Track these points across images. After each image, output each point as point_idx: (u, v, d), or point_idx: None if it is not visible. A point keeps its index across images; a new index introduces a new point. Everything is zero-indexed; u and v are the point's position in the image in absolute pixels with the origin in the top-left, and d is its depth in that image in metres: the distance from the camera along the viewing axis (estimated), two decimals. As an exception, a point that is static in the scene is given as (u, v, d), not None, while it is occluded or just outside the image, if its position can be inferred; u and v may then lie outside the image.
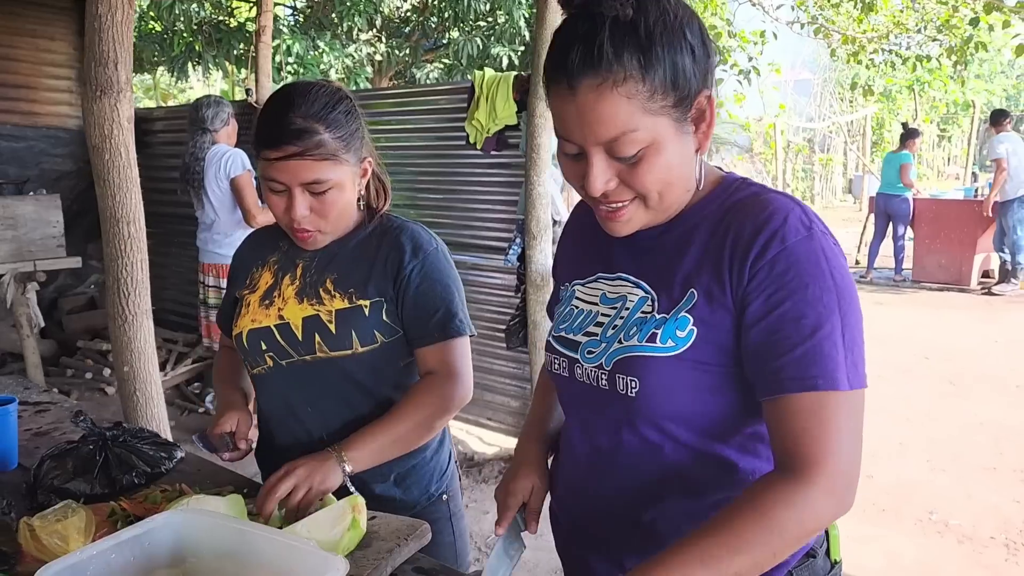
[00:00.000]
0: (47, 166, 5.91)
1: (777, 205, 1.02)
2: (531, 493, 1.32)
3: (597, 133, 0.97)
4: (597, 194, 1.03)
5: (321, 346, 1.50)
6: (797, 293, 0.97)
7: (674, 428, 1.08)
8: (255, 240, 1.73)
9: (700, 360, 1.03)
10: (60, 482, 1.47)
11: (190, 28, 9.46)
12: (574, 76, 0.95)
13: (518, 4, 8.69)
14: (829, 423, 0.95)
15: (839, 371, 0.95)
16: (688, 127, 1.01)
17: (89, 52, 2.32)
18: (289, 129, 1.39)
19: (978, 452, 4.35)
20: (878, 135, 17.56)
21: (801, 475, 0.95)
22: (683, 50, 0.97)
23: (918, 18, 9.53)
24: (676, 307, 1.05)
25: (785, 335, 0.97)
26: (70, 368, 5.44)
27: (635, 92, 0.95)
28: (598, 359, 1.11)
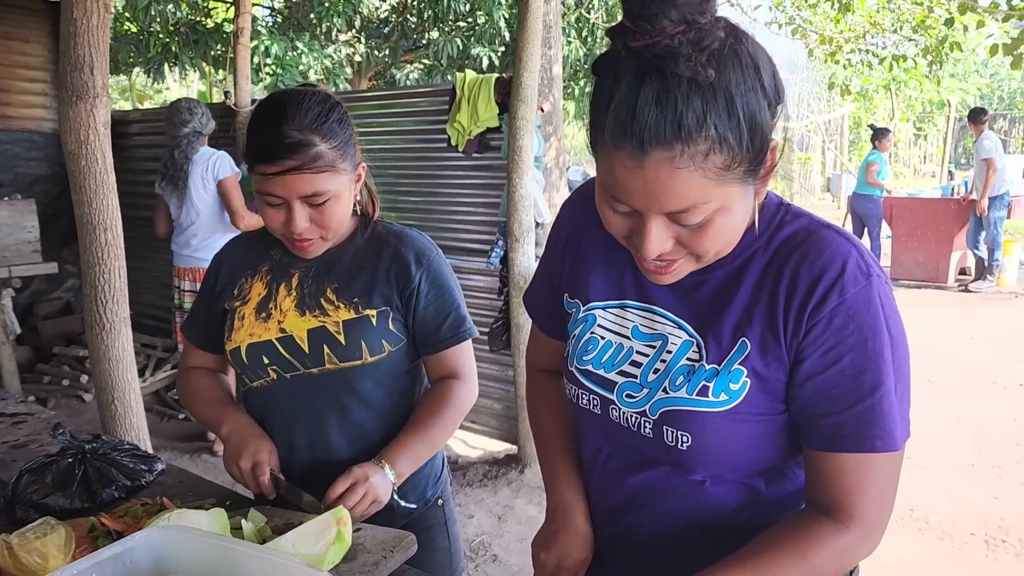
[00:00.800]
0: (21, 170, 5.83)
1: (834, 249, 0.96)
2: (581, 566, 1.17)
3: (664, 205, 0.88)
4: (651, 258, 0.94)
5: (331, 357, 1.48)
6: (856, 349, 0.94)
7: (721, 471, 1.06)
8: (239, 247, 1.65)
9: (753, 412, 1.00)
10: (39, 497, 1.45)
11: (166, 29, 9.36)
12: (644, 146, 0.84)
13: (498, 5, 8.68)
14: (876, 480, 0.97)
15: (896, 430, 0.95)
16: (755, 181, 0.93)
17: (64, 57, 2.29)
18: (285, 143, 1.35)
19: (957, 449, 4.39)
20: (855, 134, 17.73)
21: (845, 524, 0.98)
22: (761, 105, 0.86)
23: (894, 18, 9.62)
24: (727, 358, 1.00)
25: (844, 391, 0.95)
26: (47, 375, 5.36)
27: (708, 162, 0.84)
28: (640, 405, 1.05)
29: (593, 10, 9.27)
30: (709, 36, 0.83)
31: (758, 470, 1.07)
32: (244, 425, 1.52)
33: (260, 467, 1.43)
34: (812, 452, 1.00)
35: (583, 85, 9.89)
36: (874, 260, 0.98)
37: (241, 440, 1.47)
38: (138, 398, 2.49)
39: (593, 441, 1.18)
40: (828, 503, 0.99)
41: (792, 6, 9.95)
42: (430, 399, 1.56)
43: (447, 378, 1.58)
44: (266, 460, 1.44)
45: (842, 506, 0.98)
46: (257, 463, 1.44)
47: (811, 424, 0.99)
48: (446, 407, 1.54)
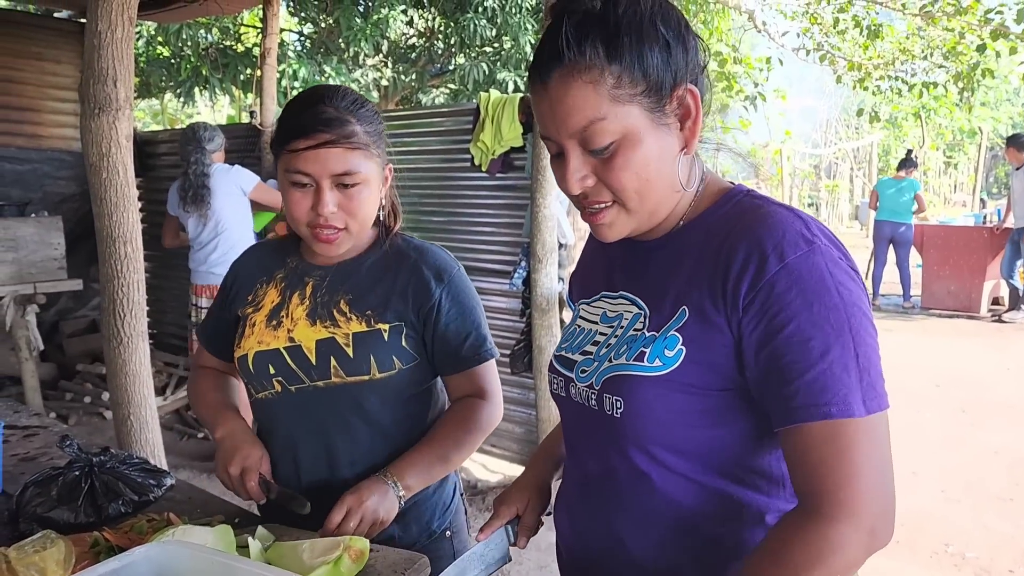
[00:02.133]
0: (50, 188, 5.89)
1: (776, 218, 0.95)
2: (526, 506, 1.29)
3: (567, 124, 0.96)
4: (574, 191, 1.00)
5: (337, 370, 1.42)
6: (801, 314, 0.90)
7: (662, 454, 1.01)
8: (257, 254, 1.61)
9: (689, 383, 0.97)
10: (43, 510, 1.41)
11: (197, 53, 9.51)
12: (544, 71, 0.96)
13: (524, 30, 8.73)
14: (847, 452, 0.88)
15: (853, 396, 0.88)
16: (668, 121, 0.97)
17: (88, 69, 2.29)
18: (320, 117, 1.33)
19: (993, 482, 4.25)
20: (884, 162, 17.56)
21: (822, 512, 0.88)
22: (653, 40, 0.95)
23: (924, 45, 9.54)
24: (666, 325, 1.00)
25: (792, 360, 0.90)
26: (69, 392, 5.37)
27: (600, 79, 0.93)
28: (590, 378, 1.07)
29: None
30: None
31: (704, 461, 1.01)
32: (238, 431, 1.49)
33: (248, 473, 1.40)
34: (780, 435, 0.94)
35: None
36: (823, 231, 0.95)
37: (232, 445, 1.45)
38: (154, 414, 2.46)
39: (565, 430, 1.21)
40: (804, 493, 0.91)
41: (820, 32, 9.89)
42: (450, 415, 1.51)
43: (470, 396, 1.51)
44: (255, 466, 1.41)
45: (815, 490, 0.89)
46: (246, 468, 1.41)
47: (769, 402, 0.93)
48: (466, 424, 1.48)
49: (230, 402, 1.59)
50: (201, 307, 4.26)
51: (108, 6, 2.25)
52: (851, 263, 0.96)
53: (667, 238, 1.06)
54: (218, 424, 1.51)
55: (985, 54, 8.51)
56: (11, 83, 5.70)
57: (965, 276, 9.07)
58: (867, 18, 9.16)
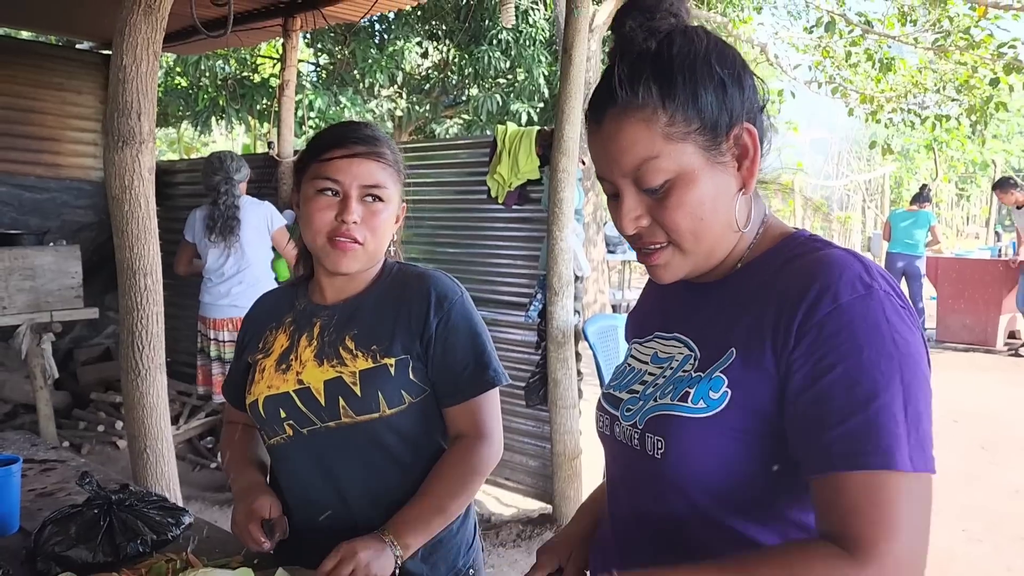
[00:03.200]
0: (69, 217, 5.93)
1: (834, 259, 0.92)
2: (568, 558, 1.25)
3: (620, 163, 0.96)
4: (628, 231, 0.99)
5: (346, 410, 1.40)
6: (850, 357, 0.85)
7: (700, 498, 0.98)
8: (267, 302, 1.62)
9: (733, 426, 0.94)
10: (61, 549, 1.39)
11: (215, 83, 9.63)
12: (598, 111, 0.97)
13: (538, 62, 8.80)
14: (886, 504, 0.81)
15: (898, 448, 0.82)
16: (724, 160, 0.96)
17: (112, 103, 2.31)
18: (357, 133, 1.42)
19: (1016, 521, 4.17)
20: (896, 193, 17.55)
21: (849, 551, 0.82)
22: (708, 79, 0.94)
23: (936, 78, 9.55)
24: (712, 366, 0.97)
25: (836, 405, 0.85)
26: (82, 420, 5.37)
27: (653, 117, 0.93)
28: (633, 417, 1.05)
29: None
30: (658, 21, 0.96)
31: (746, 511, 0.97)
32: (251, 484, 1.48)
33: (252, 515, 1.38)
34: (812, 481, 0.88)
35: (621, 141, 9.92)
36: (884, 278, 0.90)
37: (241, 497, 1.44)
38: (170, 447, 2.45)
39: (608, 469, 1.18)
40: (831, 532, 0.85)
41: (832, 65, 9.93)
42: (444, 463, 1.45)
43: (466, 436, 1.46)
44: (260, 511, 1.38)
45: (845, 535, 0.83)
46: (251, 511, 1.38)
47: (805, 448, 0.88)
48: (462, 472, 1.43)
49: (250, 455, 1.58)
50: (223, 340, 4.24)
51: (133, 41, 2.27)
52: (912, 314, 0.91)
53: (724, 280, 1.04)
54: (234, 479, 1.52)
55: (998, 88, 8.51)
56: (32, 113, 5.77)
57: (980, 309, 9.00)
58: (879, 51, 9.20)
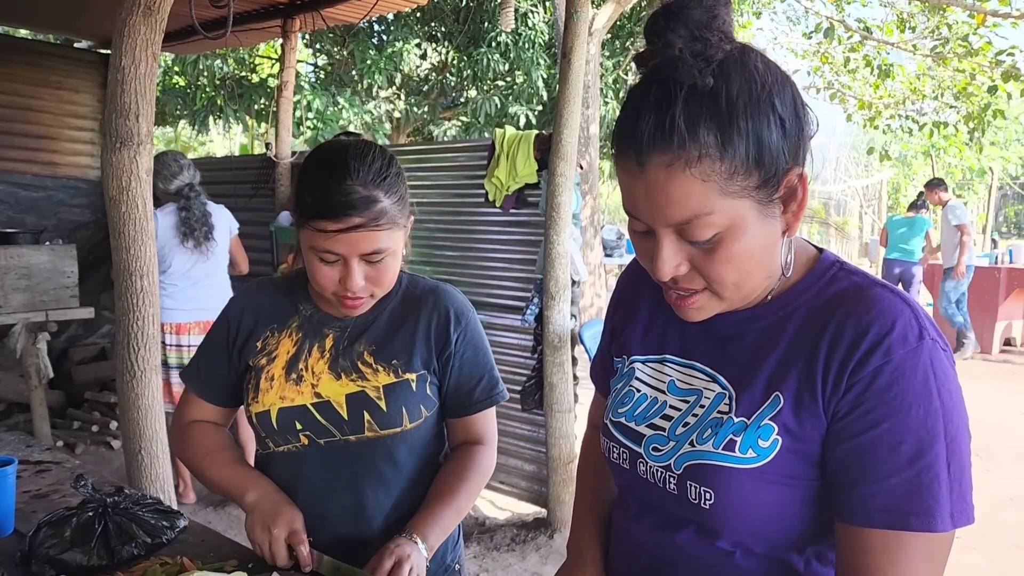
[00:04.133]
0: (65, 216, 5.92)
1: (884, 305, 0.89)
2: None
3: (667, 215, 0.87)
4: (665, 279, 0.92)
5: (371, 424, 1.40)
6: (898, 415, 0.85)
7: (749, 540, 0.97)
8: (261, 296, 1.53)
9: (785, 474, 0.92)
10: (56, 552, 1.38)
11: (213, 83, 9.62)
12: (643, 151, 0.85)
13: (536, 65, 8.81)
14: (907, 567, 0.85)
15: (938, 509, 0.84)
16: (774, 208, 0.90)
17: (111, 104, 2.30)
18: (350, 199, 1.28)
19: (1010, 530, 4.17)
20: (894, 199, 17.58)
21: None
22: (770, 123, 0.85)
23: (935, 85, 9.58)
24: (758, 412, 0.93)
25: (879, 460, 0.86)
26: (76, 420, 5.36)
27: (711, 173, 0.84)
28: (666, 459, 1.00)
29: (631, 72, 9.36)
30: (713, 48, 0.85)
31: (793, 545, 0.97)
32: (273, 492, 1.43)
33: (297, 536, 1.34)
34: (841, 526, 0.90)
35: (619, 145, 9.93)
36: (931, 324, 0.89)
37: (273, 508, 1.39)
38: (165, 449, 2.44)
39: (625, 499, 1.15)
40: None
41: (831, 71, 9.96)
42: (456, 466, 1.48)
43: (471, 443, 1.51)
44: (302, 529, 1.36)
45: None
46: (293, 531, 1.35)
47: (841, 492, 0.89)
48: (472, 474, 1.47)
49: (245, 460, 1.53)
50: (185, 345, 4.10)
51: (132, 42, 2.26)
52: (951, 355, 0.91)
53: (755, 312, 0.99)
54: (246, 487, 1.44)
55: (996, 95, 8.54)
56: (30, 111, 5.76)
57: (976, 317, 9.01)
58: (878, 58, 9.22)
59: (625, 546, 1.16)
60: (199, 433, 1.54)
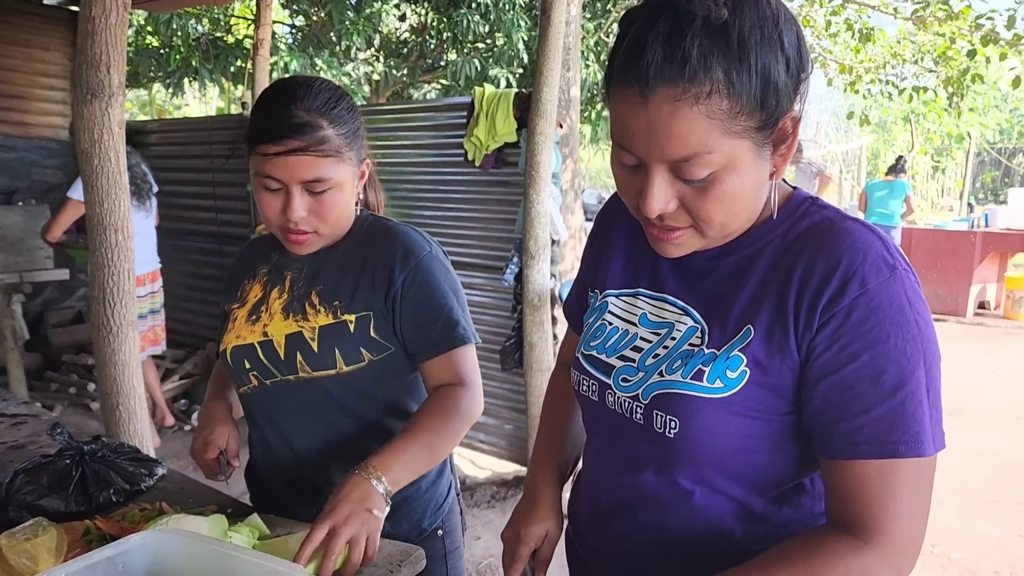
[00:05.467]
0: (38, 177, 5.83)
1: (856, 237, 0.89)
2: (544, 540, 1.21)
3: (666, 151, 0.84)
4: (653, 215, 0.90)
5: (303, 365, 1.40)
6: (877, 345, 0.85)
7: (711, 474, 0.98)
8: (249, 250, 1.61)
9: (751, 406, 0.92)
10: (33, 498, 1.39)
11: (187, 44, 9.43)
12: (649, 83, 0.81)
13: (517, 27, 8.70)
14: (901, 491, 0.86)
15: (924, 434, 0.85)
16: (767, 150, 0.88)
17: (81, 55, 2.26)
18: (291, 122, 1.28)
19: (980, 485, 4.27)
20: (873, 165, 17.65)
21: (863, 540, 0.87)
22: (778, 62, 0.83)
23: (915, 49, 9.58)
24: (729, 344, 0.94)
25: (862, 392, 0.86)
26: (54, 382, 5.32)
27: (717, 110, 0.81)
28: (634, 389, 1.00)
29: (612, 34, 9.28)
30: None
31: (754, 483, 0.98)
32: (212, 410, 1.55)
33: (208, 447, 1.45)
34: (828, 462, 0.91)
35: (600, 109, 9.88)
36: (901, 255, 0.90)
37: (202, 423, 1.51)
38: (143, 404, 2.43)
39: (592, 436, 1.15)
40: (846, 518, 0.89)
41: (812, 35, 9.92)
42: (429, 403, 1.41)
43: (448, 384, 1.43)
44: (216, 441, 1.46)
45: (861, 520, 0.87)
46: (207, 443, 1.45)
47: (826, 430, 0.89)
48: (448, 412, 1.38)
49: (224, 388, 1.62)
50: (142, 295, 4.42)
51: (102, -9, 2.21)
52: (919, 283, 0.91)
53: (728, 247, 0.98)
54: (203, 407, 1.58)
55: (975, 59, 8.55)
56: (-1, 70, 5.64)
57: (952, 280, 9.14)
58: (859, 22, 9.19)
59: (586, 489, 1.17)
60: (218, 367, 1.66)
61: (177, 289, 5.91)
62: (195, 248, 5.79)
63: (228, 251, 5.52)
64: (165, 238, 5.73)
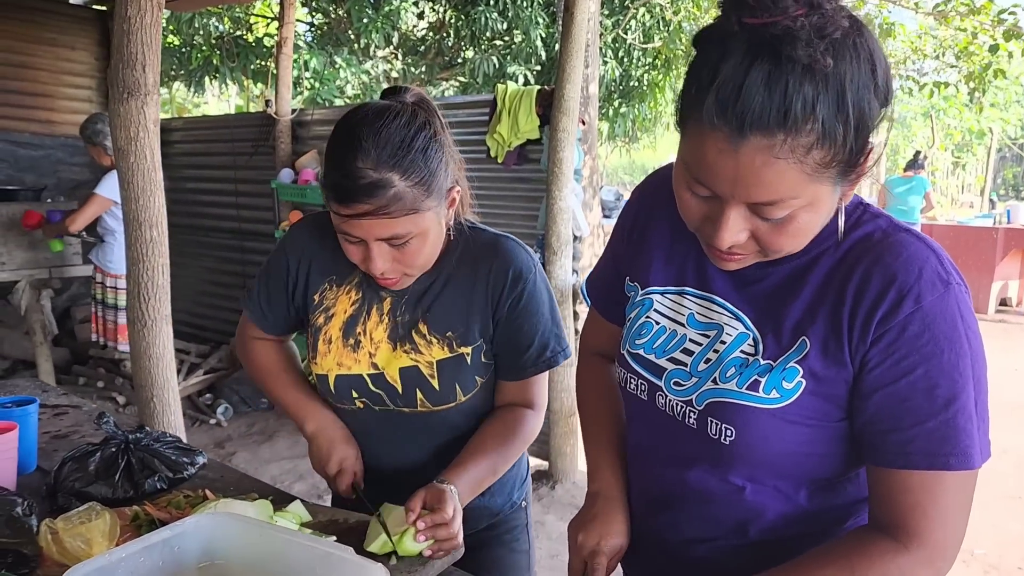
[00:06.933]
0: (64, 175, 5.92)
1: (911, 252, 0.90)
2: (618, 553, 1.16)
3: (751, 194, 0.83)
4: (724, 248, 0.89)
5: (423, 402, 1.39)
6: (932, 360, 0.87)
7: (764, 475, 1.00)
8: (315, 238, 1.45)
9: (805, 415, 0.94)
10: (81, 485, 1.43)
11: (209, 42, 9.52)
12: (744, 130, 0.79)
13: (535, 24, 8.72)
14: (945, 501, 0.89)
15: (973, 448, 0.88)
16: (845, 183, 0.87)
17: (117, 54, 2.31)
18: (359, 184, 1.17)
19: (1002, 481, 4.26)
20: (892, 161, 17.53)
21: (907, 549, 0.90)
22: (873, 103, 0.81)
23: (936, 44, 9.52)
24: (784, 356, 0.95)
25: (915, 405, 0.88)
26: (82, 376, 5.40)
27: (808, 157, 0.80)
28: (687, 394, 1.02)
29: (630, 31, 9.28)
30: (832, 24, 0.78)
31: (804, 479, 1.00)
32: (330, 426, 1.46)
33: (343, 475, 1.42)
34: (877, 468, 0.93)
35: (617, 106, 9.89)
36: (955, 269, 0.91)
37: (328, 443, 1.45)
38: (176, 396, 2.48)
39: (637, 430, 1.16)
40: (889, 522, 0.92)
41: (831, 30, 9.88)
42: (500, 424, 1.41)
43: (517, 405, 1.44)
44: (351, 468, 1.43)
45: (903, 525, 0.91)
46: (343, 470, 1.43)
47: (877, 439, 0.92)
48: (514, 437, 1.40)
49: (308, 384, 1.53)
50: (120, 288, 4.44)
51: (137, -8, 2.26)
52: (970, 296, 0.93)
53: (782, 259, 0.97)
54: (307, 417, 1.47)
55: (997, 54, 8.50)
56: (26, 68, 5.72)
57: (973, 276, 9.06)
58: (879, 16, 9.15)
59: (638, 478, 1.18)
60: (265, 351, 1.56)
61: (201, 285, 5.99)
62: (218, 244, 5.86)
63: (250, 247, 5.58)
64: (188, 235, 5.84)
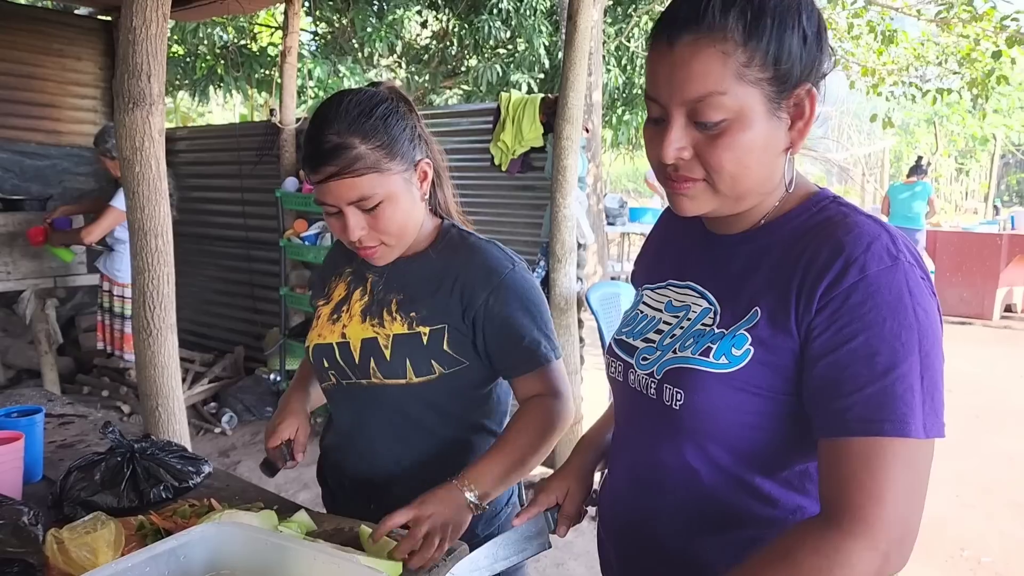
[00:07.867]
0: (70, 184, 5.94)
1: (862, 229, 0.93)
2: (566, 495, 1.28)
3: (684, 89, 0.93)
4: (669, 160, 0.96)
5: (375, 371, 1.42)
6: (872, 328, 0.88)
7: (716, 451, 1.02)
8: (336, 251, 1.64)
9: (753, 383, 0.96)
10: (87, 494, 1.43)
11: (213, 52, 9.56)
12: (675, 30, 0.93)
13: (538, 32, 8.74)
14: (884, 473, 0.86)
15: (912, 416, 0.86)
16: (782, 116, 0.95)
17: (122, 64, 2.32)
18: (324, 148, 1.30)
19: (1008, 488, 4.24)
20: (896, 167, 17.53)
21: (841, 525, 0.87)
22: (793, 30, 0.93)
23: (939, 51, 9.52)
24: (736, 323, 0.99)
25: (854, 372, 0.88)
26: (86, 386, 5.41)
27: (732, 53, 0.91)
28: (650, 367, 1.07)
29: (633, 39, 9.30)
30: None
31: (759, 462, 1.01)
32: (289, 399, 1.60)
33: (273, 435, 1.52)
34: (821, 444, 0.92)
35: (621, 113, 9.90)
36: (908, 249, 0.92)
37: (280, 411, 1.58)
38: (181, 405, 2.49)
39: (618, 415, 1.21)
40: (831, 499, 0.89)
41: (834, 37, 9.88)
42: (522, 417, 1.42)
43: (540, 395, 1.44)
44: (282, 432, 1.52)
45: (840, 500, 0.87)
46: (275, 429, 1.53)
47: (820, 409, 0.92)
48: (540, 424, 1.41)
49: (304, 377, 1.68)
50: (127, 297, 4.45)
51: (143, 3, 2.27)
52: (931, 284, 0.94)
53: (747, 235, 1.05)
54: (286, 398, 1.63)
55: (1000, 61, 8.49)
56: (32, 79, 5.74)
57: (978, 283, 9.07)
58: (882, 23, 9.15)
59: (612, 469, 1.23)
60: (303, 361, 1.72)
61: (206, 294, 6.00)
62: (223, 253, 5.87)
63: (256, 256, 5.59)
64: (194, 243, 5.85)
